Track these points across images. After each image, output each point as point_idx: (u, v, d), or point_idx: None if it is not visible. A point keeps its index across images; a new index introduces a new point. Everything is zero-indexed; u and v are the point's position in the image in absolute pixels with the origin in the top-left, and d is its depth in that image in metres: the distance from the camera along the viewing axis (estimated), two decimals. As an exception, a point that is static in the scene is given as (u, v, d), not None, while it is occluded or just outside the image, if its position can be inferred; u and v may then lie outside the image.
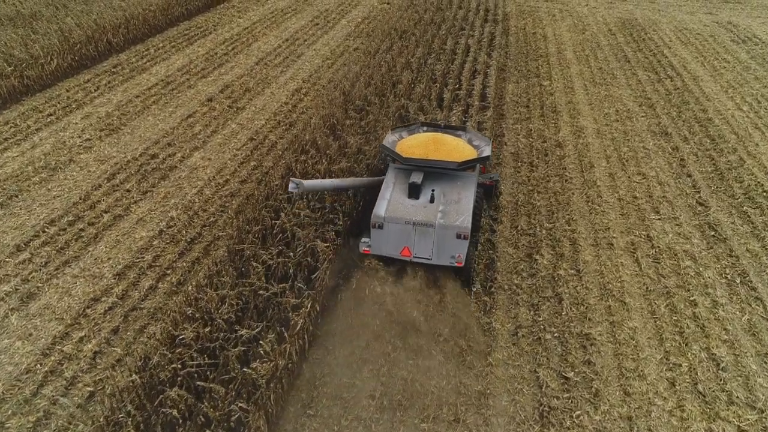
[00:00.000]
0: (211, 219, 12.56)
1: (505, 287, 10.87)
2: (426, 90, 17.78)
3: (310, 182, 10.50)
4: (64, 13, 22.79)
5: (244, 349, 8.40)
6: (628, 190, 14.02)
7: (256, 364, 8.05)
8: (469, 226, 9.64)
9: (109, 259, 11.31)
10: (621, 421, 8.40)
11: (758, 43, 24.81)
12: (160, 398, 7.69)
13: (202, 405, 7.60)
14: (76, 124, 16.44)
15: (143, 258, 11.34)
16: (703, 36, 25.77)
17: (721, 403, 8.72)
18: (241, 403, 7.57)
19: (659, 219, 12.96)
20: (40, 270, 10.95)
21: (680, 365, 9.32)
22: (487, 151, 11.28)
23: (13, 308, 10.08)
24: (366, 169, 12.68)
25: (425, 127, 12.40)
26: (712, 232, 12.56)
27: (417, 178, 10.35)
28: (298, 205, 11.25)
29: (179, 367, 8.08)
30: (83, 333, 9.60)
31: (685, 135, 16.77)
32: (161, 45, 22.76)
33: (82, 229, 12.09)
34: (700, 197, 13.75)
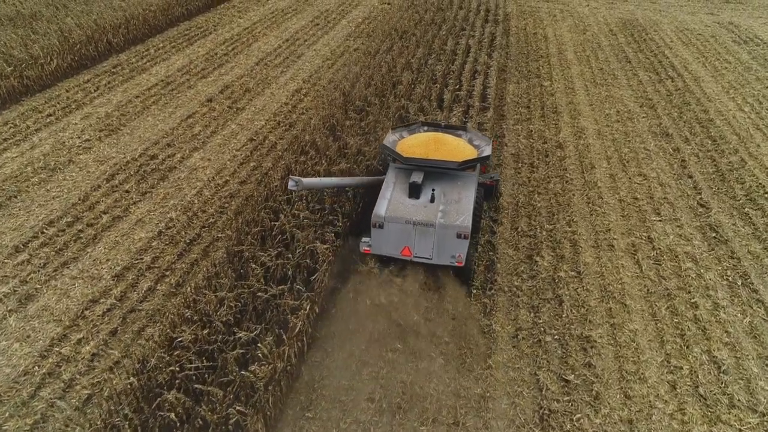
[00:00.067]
0: (211, 220, 12.52)
1: (505, 289, 10.82)
2: (426, 90, 17.74)
3: (309, 180, 10.49)
4: (64, 14, 22.77)
5: (242, 351, 8.39)
6: (628, 192, 13.97)
7: (255, 366, 8.03)
8: (470, 225, 9.62)
9: (108, 260, 11.28)
10: (622, 425, 8.36)
11: (759, 43, 24.74)
12: (157, 401, 7.68)
13: (200, 408, 7.58)
14: (76, 124, 16.41)
15: (142, 259, 11.30)
16: (704, 36, 25.71)
17: (723, 407, 8.67)
18: (239, 406, 7.56)
19: (660, 220, 12.91)
20: (39, 271, 10.92)
21: (681, 368, 9.27)
22: (488, 151, 11.25)
23: (11, 310, 10.05)
24: (365, 170, 12.65)
25: (426, 127, 12.37)
26: (714, 234, 12.51)
27: (417, 178, 10.33)
28: (298, 206, 11.22)
29: (177, 369, 8.08)
30: (81, 335, 9.57)
31: (686, 136, 16.71)
32: (161, 45, 22.73)
33: (80, 230, 12.06)
34: (701, 198, 13.69)
